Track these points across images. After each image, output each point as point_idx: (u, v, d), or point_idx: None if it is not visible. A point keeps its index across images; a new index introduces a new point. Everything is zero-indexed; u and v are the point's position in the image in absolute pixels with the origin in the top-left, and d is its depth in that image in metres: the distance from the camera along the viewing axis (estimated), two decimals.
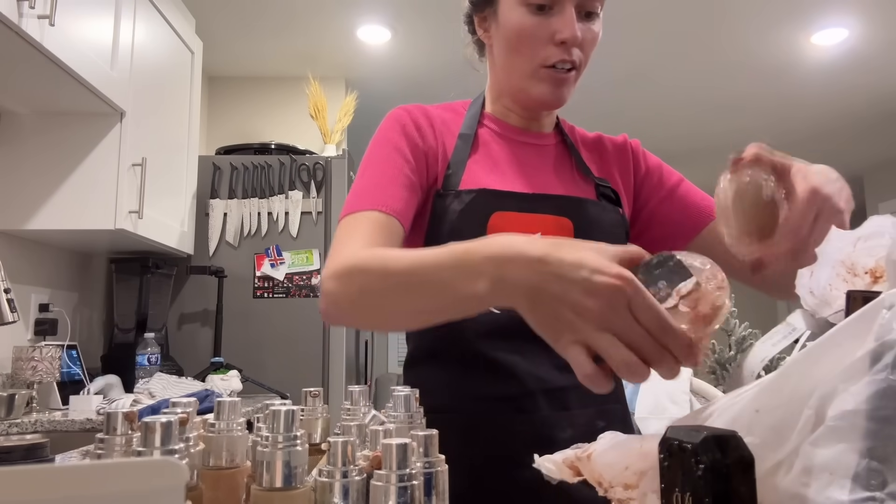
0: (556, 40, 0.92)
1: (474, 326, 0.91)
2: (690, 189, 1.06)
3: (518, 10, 0.93)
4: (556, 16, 0.92)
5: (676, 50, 3.48)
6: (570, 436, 0.90)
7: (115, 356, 2.47)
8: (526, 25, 0.93)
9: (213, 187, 2.84)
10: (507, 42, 0.96)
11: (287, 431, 0.47)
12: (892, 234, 0.61)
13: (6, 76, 1.84)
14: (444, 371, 0.94)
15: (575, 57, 0.93)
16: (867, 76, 3.82)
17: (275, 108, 3.71)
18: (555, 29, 0.92)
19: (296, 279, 2.79)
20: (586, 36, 0.94)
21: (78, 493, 0.27)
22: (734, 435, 0.40)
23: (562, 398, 0.92)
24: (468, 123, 1.02)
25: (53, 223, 2.06)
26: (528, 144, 1.03)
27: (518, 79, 0.97)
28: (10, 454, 1.00)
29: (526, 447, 0.89)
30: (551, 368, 0.91)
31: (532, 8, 0.92)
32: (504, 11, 0.96)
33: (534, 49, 0.93)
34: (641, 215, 1.07)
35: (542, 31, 0.92)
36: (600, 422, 0.93)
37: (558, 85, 0.95)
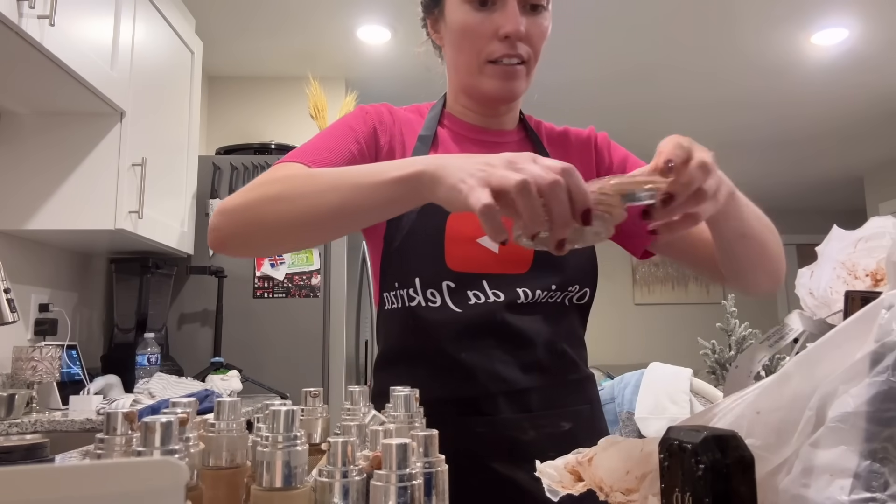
0: (499, 35, 0.92)
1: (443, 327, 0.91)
2: None
3: (462, 8, 0.94)
4: (498, 11, 0.93)
5: (677, 50, 3.48)
6: (533, 437, 0.90)
7: (115, 356, 2.47)
8: (469, 22, 0.94)
9: (213, 187, 2.84)
10: (453, 40, 0.98)
11: (287, 431, 0.47)
12: (892, 234, 0.61)
13: (6, 76, 1.84)
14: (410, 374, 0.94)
15: (521, 51, 0.94)
16: (867, 76, 3.82)
17: (275, 108, 3.71)
18: (498, 24, 0.92)
19: (296, 279, 2.79)
20: (532, 30, 0.94)
21: (78, 493, 0.27)
22: (734, 435, 0.40)
23: (524, 400, 0.92)
24: (428, 125, 1.02)
25: (53, 223, 2.06)
26: (487, 143, 1.02)
27: (467, 76, 0.98)
28: (10, 454, 1.00)
29: (488, 449, 0.89)
30: (516, 370, 0.91)
31: (475, 4, 0.93)
32: (450, 11, 0.97)
33: (479, 45, 0.94)
34: None
35: (486, 27, 0.93)
36: (565, 423, 0.93)
37: (506, 78, 0.95)
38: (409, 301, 0.93)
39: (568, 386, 0.97)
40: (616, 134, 1.14)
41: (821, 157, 5.38)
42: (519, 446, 0.89)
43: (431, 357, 0.92)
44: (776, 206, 7.07)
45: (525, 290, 0.92)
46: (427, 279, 0.92)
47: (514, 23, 0.91)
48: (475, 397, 0.91)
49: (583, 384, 1.00)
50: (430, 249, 0.91)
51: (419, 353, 0.94)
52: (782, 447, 0.44)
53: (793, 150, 5.21)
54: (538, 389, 0.93)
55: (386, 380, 0.96)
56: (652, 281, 6.94)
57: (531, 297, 0.93)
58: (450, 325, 0.91)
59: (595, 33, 3.24)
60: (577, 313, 0.99)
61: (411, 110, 1.06)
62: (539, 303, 0.93)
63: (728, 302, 2.18)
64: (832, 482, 0.40)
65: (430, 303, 0.92)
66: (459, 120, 1.04)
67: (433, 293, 0.91)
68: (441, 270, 0.91)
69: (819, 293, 0.65)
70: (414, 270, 0.92)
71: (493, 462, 0.88)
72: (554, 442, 0.90)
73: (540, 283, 0.93)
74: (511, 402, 0.91)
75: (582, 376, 0.99)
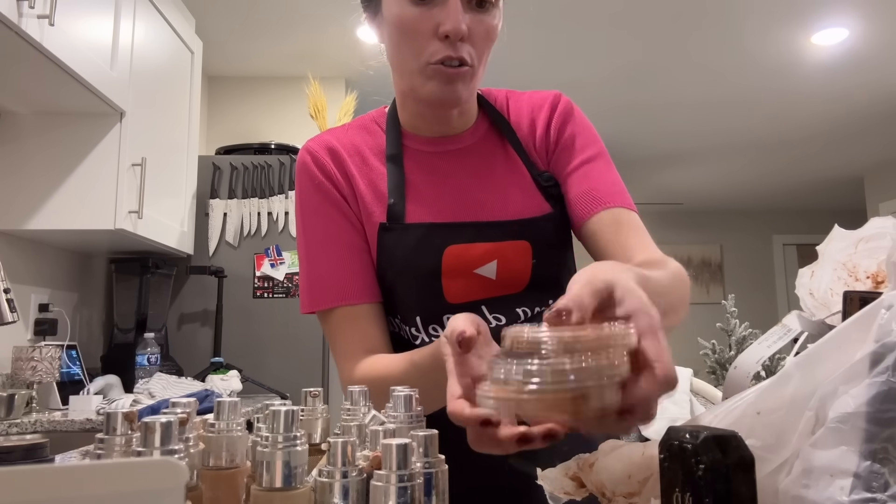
0: (439, 34, 0.82)
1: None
2: (594, 170, 0.92)
3: (398, 2, 0.84)
4: (438, 6, 0.82)
5: (676, 50, 3.48)
6: None
7: (115, 356, 2.47)
8: (406, 17, 0.83)
9: (212, 187, 2.84)
10: (391, 38, 0.87)
11: (287, 431, 0.47)
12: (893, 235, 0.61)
13: (6, 76, 1.84)
14: None
15: (463, 53, 0.83)
16: (867, 76, 3.82)
17: (275, 108, 3.71)
18: (438, 21, 0.81)
19: (296, 279, 2.79)
20: (477, 28, 0.83)
21: (78, 493, 0.27)
22: (735, 435, 0.40)
23: None
24: (391, 142, 0.94)
25: (53, 223, 2.06)
26: (449, 154, 0.94)
27: (408, 77, 0.87)
28: (10, 454, 1.00)
29: None
30: None
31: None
32: (386, 4, 0.87)
33: (417, 44, 0.83)
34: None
35: (425, 24, 0.82)
36: None
37: (448, 81, 0.84)
38: (413, 339, 0.92)
39: None
40: (616, 134, 1.13)
41: (821, 157, 5.38)
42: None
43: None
44: (776, 205, 7.08)
45: (524, 309, 0.91)
46: (428, 317, 0.90)
47: (455, 20, 0.80)
48: None
49: None
50: (429, 287, 0.88)
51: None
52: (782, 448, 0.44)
53: (793, 150, 5.21)
54: None
55: None
56: None
57: (531, 315, 0.92)
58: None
59: (595, 33, 3.24)
60: None
61: (356, 129, 0.97)
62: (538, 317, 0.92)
63: (728, 302, 2.18)
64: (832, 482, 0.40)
65: (433, 337, 0.90)
66: (415, 135, 0.95)
67: (435, 328, 0.91)
68: (441, 305, 0.89)
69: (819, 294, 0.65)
70: (415, 308, 0.91)
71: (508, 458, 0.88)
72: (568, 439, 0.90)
73: (538, 300, 0.92)
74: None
75: None
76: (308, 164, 0.93)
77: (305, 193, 0.93)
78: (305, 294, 0.91)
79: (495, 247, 0.89)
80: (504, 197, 0.92)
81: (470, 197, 0.92)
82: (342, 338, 0.89)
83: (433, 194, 0.92)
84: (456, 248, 0.88)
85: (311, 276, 0.91)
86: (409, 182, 0.92)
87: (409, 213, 0.90)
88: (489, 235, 0.89)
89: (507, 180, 0.94)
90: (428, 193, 0.92)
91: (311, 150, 0.94)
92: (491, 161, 0.95)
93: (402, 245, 0.88)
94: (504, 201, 0.92)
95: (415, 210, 0.90)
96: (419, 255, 0.88)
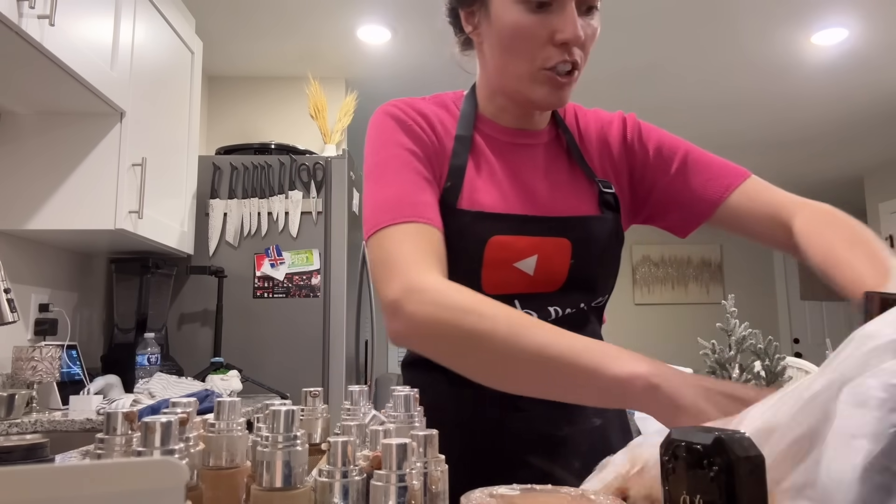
0: (556, 41, 0.84)
1: None
2: (700, 160, 0.98)
3: (514, 8, 0.85)
4: (555, 14, 0.84)
5: (676, 50, 3.48)
6: (567, 434, 0.90)
7: (115, 356, 2.47)
8: (523, 25, 0.85)
9: (213, 187, 2.84)
10: (500, 42, 0.88)
11: (287, 431, 0.47)
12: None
13: (6, 76, 1.84)
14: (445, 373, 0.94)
15: (576, 57, 0.86)
16: (867, 76, 3.82)
17: (275, 108, 3.71)
18: (555, 28, 0.84)
19: (296, 279, 2.79)
20: (586, 32, 0.86)
21: (78, 493, 0.27)
22: (744, 435, 0.40)
23: None
24: (464, 124, 0.95)
25: (53, 223, 2.06)
26: (521, 146, 0.97)
27: (514, 81, 0.90)
28: (10, 454, 1.00)
29: (523, 444, 0.89)
30: None
31: (531, 5, 0.84)
32: (497, 8, 0.87)
33: (532, 50, 0.85)
34: (651, 199, 1.00)
35: (541, 31, 0.84)
36: (596, 419, 0.94)
37: (559, 87, 0.88)
38: None
39: None
40: None
41: (821, 157, 5.38)
42: (553, 442, 0.90)
43: None
44: None
45: (556, 308, 0.92)
46: None
47: (574, 28, 0.83)
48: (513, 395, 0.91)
49: None
50: (468, 274, 0.88)
51: None
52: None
53: (793, 150, 5.21)
54: None
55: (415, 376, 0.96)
56: (652, 281, 6.94)
57: (560, 314, 0.92)
58: None
59: None
60: (595, 314, 0.99)
61: (436, 103, 0.98)
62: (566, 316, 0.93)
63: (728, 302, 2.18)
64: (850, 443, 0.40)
65: None
66: (493, 123, 0.97)
67: None
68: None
69: None
70: None
71: (528, 457, 0.89)
72: (586, 437, 0.92)
73: (570, 301, 0.92)
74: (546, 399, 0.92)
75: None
76: (397, 113, 0.93)
77: (392, 132, 0.91)
78: (377, 213, 0.84)
79: (537, 242, 0.90)
80: (557, 195, 0.95)
81: (524, 189, 0.94)
82: (416, 246, 0.80)
83: (490, 182, 0.93)
84: (500, 238, 0.88)
85: (386, 196, 0.85)
86: (470, 166, 0.93)
87: (462, 199, 0.90)
88: (532, 230, 0.90)
89: (564, 179, 0.96)
90: (485, 180, 0.93)
91: (398, 105, 0.94)
92: (554, 160, 0.98)
93: (451, 229, 0.87)
94: (555, 199, 0.94)
95: (468, 195, 0.91)
96: (465, 240, 0.88)
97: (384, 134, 0.91)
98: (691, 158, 0.97)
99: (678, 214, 0.99)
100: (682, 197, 0.97)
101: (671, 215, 1.00)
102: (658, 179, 0.98)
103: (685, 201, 0.96)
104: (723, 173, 0.95)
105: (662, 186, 0.98)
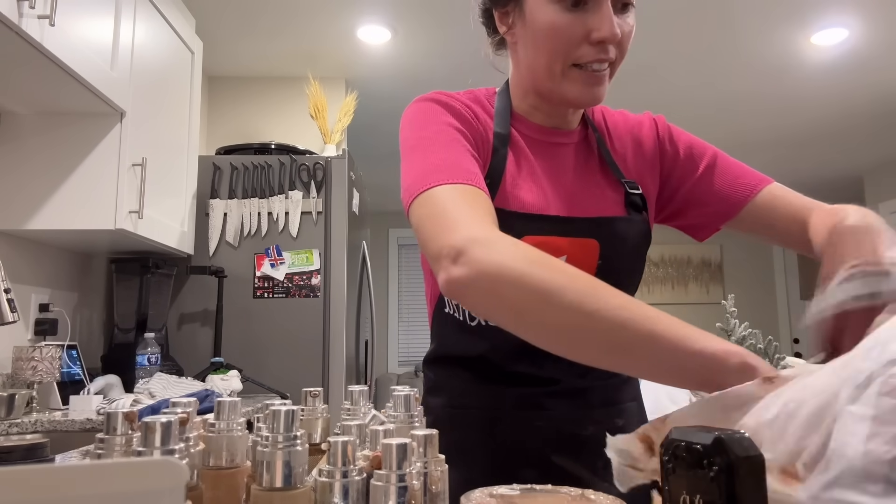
0: (592, 39, 0.84)
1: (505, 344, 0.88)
2: (727, 162, 0.99)
3: (549, 7, 0.85)
4: (591, 12, 0.84)
5: (676, 50, 3.48)
6: (591, 434, 0.90)
7: (115, 356, 2.47)
8: (559, 23, 0.84)
9: (213, 187, 2.84)
10: (535, 40, 0.88)
11: (287, 431, 0.47)
12: None
13: (6, 76, 1.84)
14: (469, 370, 0.94)
15: (612, 55, 0.86)
16: (867, 76, 3.82)
17: (275, 108, 3.71)
18: (591, 27, 0.84)
19: (296, 279, 2.79)
20: (623, 30, 0.85)
21: (78, 493, 0.27)
22: (744, 435, 0.40)
23: (585, 397, 0.93)
24: (500, 121, 0.95)
25: (53, 223, 2.06)
26: (553, 145, 0.97)
27: (548, 79, 0.89)
28: (10, 454, 1.00)
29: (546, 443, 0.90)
30: (573, 376, 0.92)
31: (567, 4, 0.84)
32: (532, 7, 0.87)
33: (567, 48, 0.85)
34: (676, 198, 1.01)
35: (577, 29, 0.84)
36: (619, 420, 0.94)
37: (594, 84, 0.87)
38: (470, 320, 0.92)
39: (620, 384, 0.98)
40: None
41: (821, 157, 5.38)
42: (576, 442, 0.90)
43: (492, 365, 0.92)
44: None
45: None
46: None
47: (611, 26, 0.83)
48: (537, 394, 0.91)
49: (631, 382, 1.01)
50: None
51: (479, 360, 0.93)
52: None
53: (793, 150, 5.21)
54: (597, 388, 0.94)
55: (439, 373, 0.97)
56: (652, 281, 6.94)
57: None
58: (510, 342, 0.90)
59: None
60: None
61: (472, 100, 0.97)
62: None
63: (728, 302, 2.18)
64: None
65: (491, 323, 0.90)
66: (527, 121, 0.97)
67: None
68: None
69: None
70: None
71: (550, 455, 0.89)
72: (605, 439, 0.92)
73: None
74: (572, 398, 0.92)
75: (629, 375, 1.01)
76: (443, 98, 0.92)
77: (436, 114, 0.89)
78: (421, 178, 0.79)
79: (567, 242, 0.90)
80: (586, 195, 0.95)
81: (559, 189, 0.94)
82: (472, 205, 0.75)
83: (524, 180, 0.93)
84: (531, 239, 0.86)
85: (432, 163, 0.81)
86: (510, 162, 0.93)
87: (500, 196, 0.89)
88: (564, 230, 0.90)
89: (593, 179, 0.97)
90: (520, 178, 0.93)
91: (441, 93, 0.93)
92: (585, 160, 0.98)
93: None
94: (584, 199, 0.94)
95: (505, 193, 0.90)
96: None
97: (429, 115, 0.89)
98: (719, 161, 0.99)
99: (701, 213, 1.00)
100: (707, 197, 0.98)
101: (693, 214, 1.01)
102: (685, 180, 1.00)
103: (711, 200, 0.98)
104: (750, 175, 0.98)
105: (689, 186, 1.00)
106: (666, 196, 1.02)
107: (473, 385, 0.92)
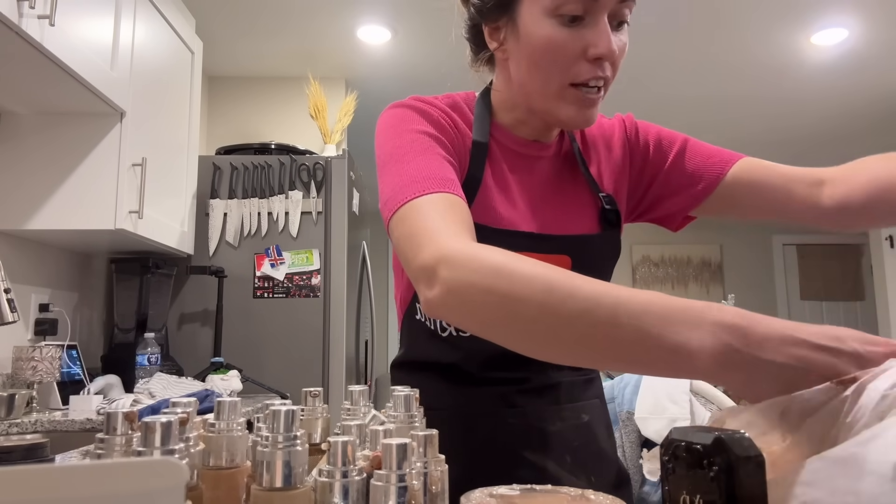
0: (589, 56, 0.81)
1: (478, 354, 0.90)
2: (698, 145, 0.98)
3: (546, 23, 0.82)
4: (588, 28, 0.81)
5: (676, 50, 3.48)
6: (559, 428, 0.92)
7: (115, 356, 2.47)
8: (556, 39, 0.81)
9: (213, 187, 2.84)
10: (530, 56, 0.85)
11: (287, 431, 0.47)
12: None
13: (6, 76, 1.84)
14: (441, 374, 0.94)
15: (608, 73, 0.84)
16: (867, 76, 3.82)
17: (275, 108, 3.71)
18: (588, 43, 0.81)
19: (296, 279, 2.79)
20: (617, 47, 0.83)
21: (78, 493, 0.27)
22: (744, 435, 0.40)
23: (553, 393, 0.93)
24: (479, 129, 0.92)
25: (53, 223, 2.06)
26: (531, 158, 0.96)
27: (542, 99, 0.86)
28: (10, 454, 1.00)
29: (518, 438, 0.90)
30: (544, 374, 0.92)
31: (563, 20, 0.81)
32: (527, 23, 0.84)
33: (563, 66, 0.82)
34: (649, 193, 1.00)
35: (574, 46, 0.81)
36: (584, 415, 0.96)
37: (587, 107, 0.85)
38: (441, 330, 0.92)
39: (585, 381, 0.99)
40: None
41: (821, 157, 5.38)
42: (546, 436, 0.91)
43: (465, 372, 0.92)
44: None
45: None
46: None
47: (608, 43, 0.80)
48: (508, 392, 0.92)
49: (594, 380, 1.03)
50: None
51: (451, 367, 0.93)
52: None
53: (792, 150, 5.21)
54: (564, 384, 0.95)
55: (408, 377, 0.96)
56: (652, 281, 6.94)
57: None
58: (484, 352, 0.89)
59: None
60: None
61: (450, 105, 0.94)
62: None
63: (728, 302, 2.18)
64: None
65: (462, 333, 0.91)
66: (508, 132, 0.95)
67: None
68: None
69: None
70: None
71: (523, 451, 0.89)
72: (576, 432, 0.94)
73: None
74: (542, 394, 0.93)
75: (594, 374, 1.02)
76: (418, 105, 0.90)
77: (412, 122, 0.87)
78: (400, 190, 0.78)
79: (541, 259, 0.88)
80: (561, 212, 0.94)
81: (534, 206, 0.93)
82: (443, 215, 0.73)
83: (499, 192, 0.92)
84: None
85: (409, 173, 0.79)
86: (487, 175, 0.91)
87: (475, 208, 0.88)
88: (538, 246, 0.88)
89: (569, 195, 0.96)
90: (495, 190, 0.91)
91: (416, 99, 0.91)
92: (560, 173, 0.97)
93: None
94: (559, 216, 0.94)
95: (481, 206, 0.89)
96: None
97: (404, 122, 0.87)
98: (690, 145, 0.98)
99: (675, 200, 0.98)
100: (681, 180, 0.97)
101: (667, 203, 0.99)
102: (657, 171, 0.99)
103: (685, 184, 0.97)
104: (723, 153, 0.97)
105: (662, 177, 0.98)
106: (639, 194, 1.01)
107: (446, 387, 0.92)
